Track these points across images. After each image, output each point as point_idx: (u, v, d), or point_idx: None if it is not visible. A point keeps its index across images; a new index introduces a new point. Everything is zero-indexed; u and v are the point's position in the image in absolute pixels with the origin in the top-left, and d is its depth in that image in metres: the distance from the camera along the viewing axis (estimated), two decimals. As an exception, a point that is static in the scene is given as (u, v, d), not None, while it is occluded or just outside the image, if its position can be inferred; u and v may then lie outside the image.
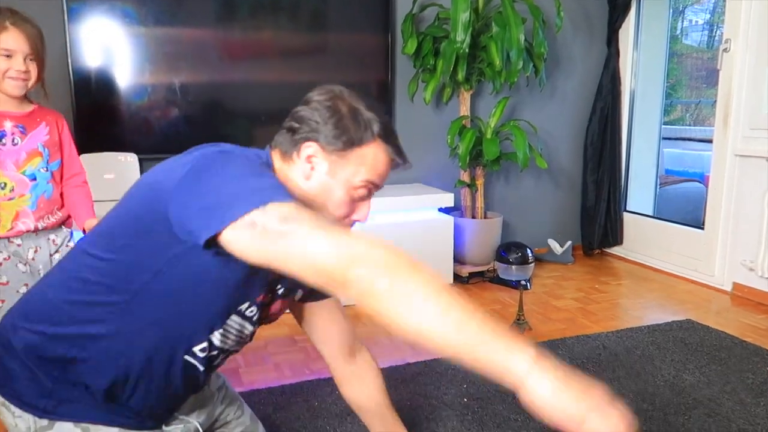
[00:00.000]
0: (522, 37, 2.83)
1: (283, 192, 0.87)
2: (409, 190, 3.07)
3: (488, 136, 3.08)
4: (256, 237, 0.83)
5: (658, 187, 3.85)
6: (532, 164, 3.19)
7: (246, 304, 1.06)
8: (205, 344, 1.04)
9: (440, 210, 3.11)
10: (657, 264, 3.42)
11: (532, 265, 3.11)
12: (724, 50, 2.97)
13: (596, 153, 3.63)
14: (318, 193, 1.06)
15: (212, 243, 0.86)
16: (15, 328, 1.00)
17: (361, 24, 3.09)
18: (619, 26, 3.53)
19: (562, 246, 3.60)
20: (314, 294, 1.25)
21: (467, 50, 2.79)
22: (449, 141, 3.00)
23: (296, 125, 1.05)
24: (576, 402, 0.71)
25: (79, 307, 0.97)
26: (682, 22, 3.82)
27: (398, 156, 1.09)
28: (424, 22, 3.18)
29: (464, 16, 2.73)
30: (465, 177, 3.17)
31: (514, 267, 3.08)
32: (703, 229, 3.14)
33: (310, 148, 1.04)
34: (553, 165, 3.63)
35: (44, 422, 0.99)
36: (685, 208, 3.87)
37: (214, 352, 1.07)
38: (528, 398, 0.72)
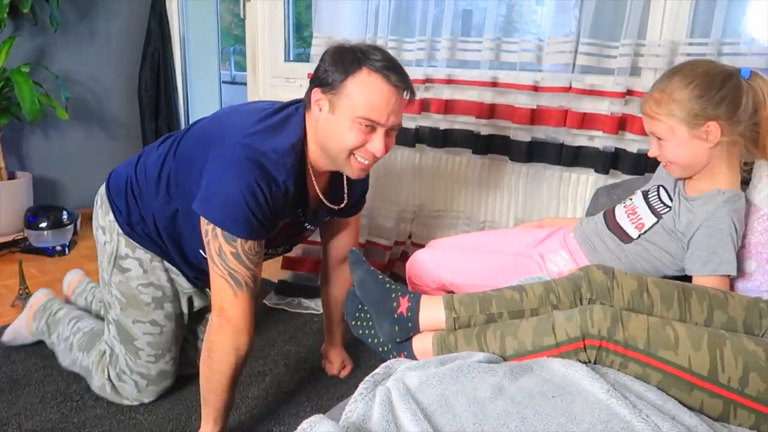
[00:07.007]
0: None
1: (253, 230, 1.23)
2: None
3: (-9, 84, 2.62)
4: (209, 238, 1.24)
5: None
6: (79, 116, 2.87)
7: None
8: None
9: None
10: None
11: (70, 228, 2.83)
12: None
13: (152, 100, 3.46)
14: (327, 132, 1.26)
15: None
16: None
17: None
18: (162, -33, 3.35)
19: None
20: (348, 212, 1.56)
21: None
22: (-72, 91, 2.45)
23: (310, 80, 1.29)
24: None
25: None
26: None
27: (398, 82, 1.21)
28: None
29: None
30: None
31: (47, 233, 2.75)
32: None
33: (315, 94, 1.26)
34: (105, 115, 3.35)
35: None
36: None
37: None
38: None
